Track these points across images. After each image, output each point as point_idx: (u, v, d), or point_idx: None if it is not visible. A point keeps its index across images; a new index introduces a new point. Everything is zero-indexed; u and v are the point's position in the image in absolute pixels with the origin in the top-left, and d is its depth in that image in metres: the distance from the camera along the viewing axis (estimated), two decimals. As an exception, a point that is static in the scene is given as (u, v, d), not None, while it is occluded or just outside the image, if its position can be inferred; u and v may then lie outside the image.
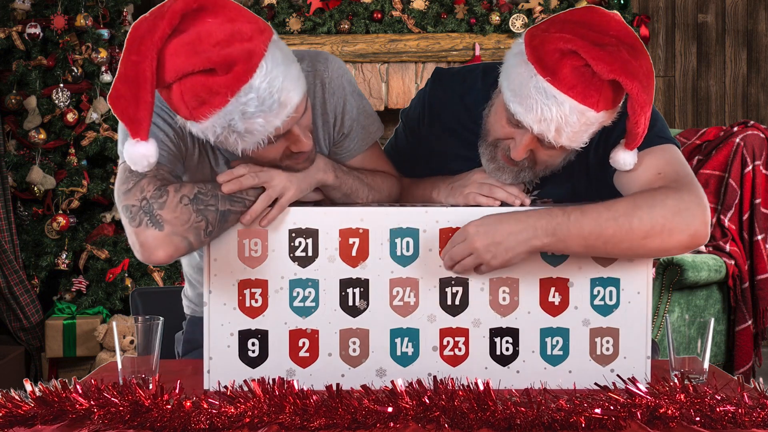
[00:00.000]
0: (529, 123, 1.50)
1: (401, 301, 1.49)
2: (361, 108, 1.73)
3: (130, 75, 1.36)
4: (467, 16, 4.35)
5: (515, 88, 1.51)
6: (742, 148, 3.83)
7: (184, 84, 1.38)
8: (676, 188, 1.49)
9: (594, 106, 1.46)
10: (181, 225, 1.44)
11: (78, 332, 3.83)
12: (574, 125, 1.48)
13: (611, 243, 1.45)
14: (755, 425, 1.27)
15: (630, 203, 1.48)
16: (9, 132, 4.08)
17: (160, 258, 1.45)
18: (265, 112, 1.39)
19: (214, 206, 1.46)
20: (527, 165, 1.61)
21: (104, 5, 4.17)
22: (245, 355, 1.49)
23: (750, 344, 3.67)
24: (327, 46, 4.36)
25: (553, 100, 1.46)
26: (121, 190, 1.48)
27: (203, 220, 1.46)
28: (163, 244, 1.44)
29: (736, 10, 4.81)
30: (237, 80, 1.36)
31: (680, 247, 1.48)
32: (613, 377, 1.47)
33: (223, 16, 1.38)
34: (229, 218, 1.48)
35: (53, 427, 1.27)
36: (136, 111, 1.37)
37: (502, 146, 1.61)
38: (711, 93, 4.84)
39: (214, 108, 1.38)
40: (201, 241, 1.47)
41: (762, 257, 3.72)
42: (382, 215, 1.49)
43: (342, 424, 1.27)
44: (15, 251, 3.92)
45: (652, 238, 1.45)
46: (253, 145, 1.45)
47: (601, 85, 1.45)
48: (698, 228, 1.47)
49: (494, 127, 1.62)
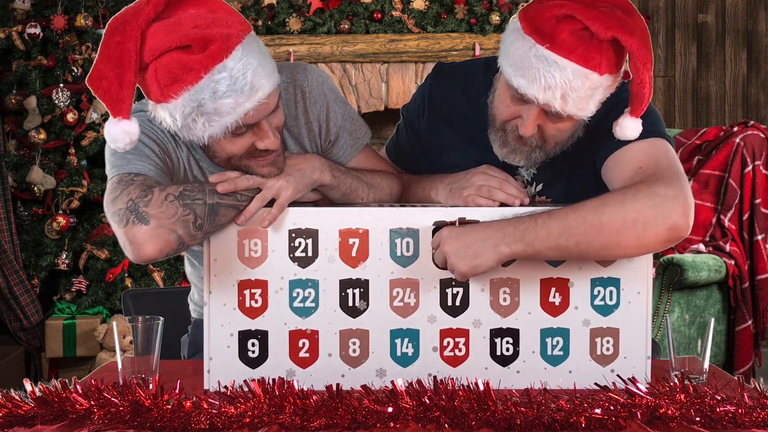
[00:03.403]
0: (533, 94, 1.49)
1: (401, 302, 1.49)
2: (346, 114, 1.73)
3: (113, 56, 1.38)
4: (467, 16, 4.35)
5: (516, 63, 1.51)
6: (742, 148, 3.83)
7: (160, 62, 1.40)
8: (652, 181, 1.46)
9: (596, 68, 1.46)
10: (168, 219, 1.43)
11: (78, 332, 3.83)
12: (579, 90, 1.47)
13: (583, 242, 1.42)
14: (755, 425, 1.27)
15: (598, 201, 1.45)
16: (9, 132, 4.08)
17: (150, 253, 1.43)
18: (237, 93, 1.41)
19: (202, 200, 1.46)
20: (537, 143, 1.60)
21: (104, 5, 4.17)
22: (245, 356, 1.49)
23: (750, 344, 3.67)
24: (327, 46, 4.36)
25: (555, 66, 1.46)
26: (109, 199, 1.48)
27: (191, 213, 1.45)
28: (151, 239, 1.42)
29: (736, 10, 4.81)
30: (212, 58, 1.39)
31: (658, 241, 1.43)
32: (613, 377, 1.47)
33: (205, 7, 1.42)
34: (219, 212, 1.47)
35: (53, 427, 1.27)
36: (119, 90, 1.39)
37: (510, 128, 1.61)
38: (711, 93, 4.84)
39: (187, 85, 1.40)
40: (191, 234, 1.45)
41: (762, 257, 3.72)
42: (382, 216, 1.49)
43: (342, 424, 1.27)
44: (15, 251, 3.92)
45: (625, 233, 1.42)
46: (220, 130, 1.45)
47: (600, 46, 1.45)
48: (676, 221, 1.42)
49: (499, 109, 1.61)
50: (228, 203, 1.47)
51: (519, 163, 1.65)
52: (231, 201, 1.48)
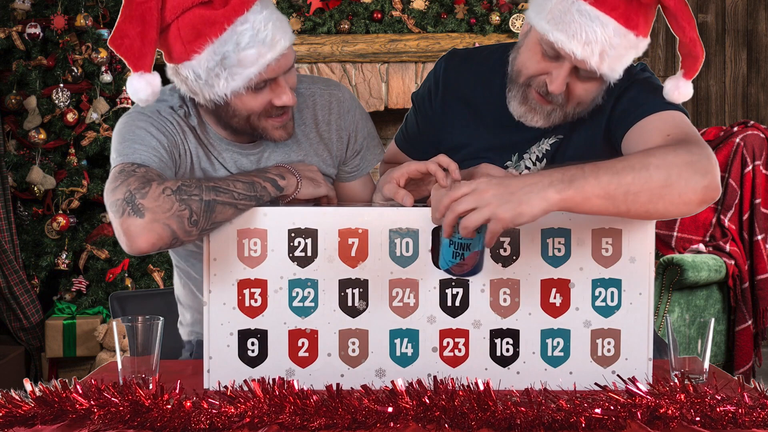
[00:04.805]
0: (572, 49, 1.51)
1: (401, 302, 1.48)
2: (371, 132, 1.86)
3: (135, 14, 1.44)
4: (467, 16, 4.35)
5: (555, 17, 1.52)
6: (742, 148, 3.83)
7: (182, 19, 1.45)
8: (684, 144, 1.46)
9: (635, 28, 1.50)
10: (163, 213, 1.44)
11: (78, 332, 3.83)
12: (617, 48, 1.50)
13: (631, 193, 1.37)
14: (755, 425, 1.27)
15: (643, 153, 1.42)
16: (9, 132, 4.09)
17: (142, 245, 1.45)
18: (259, 43, 1.47)
19: (198, 196, 1.46)
20: (560, 102, 1.61)
21: (104, 5, 4.17)
22: (245, 355, 1.49)
23: (750, 344, 3.67)
24: (327, 46, 4.36)
25: (597, 22, 1.48)
26: (109, 188, 1.50)
27: (186, 209, 1.46)
28: (145, 231, 1.44)
29: (736, 10, 4.81)
30: (234, 11, 1.46)
31: (696, 200, 1.40)
32: (614, 378, 1.47)
33: None
34: (216, 209, 1.47)
35: (53, 427, 1.27)
36: (141, 47, 1.44)
37: (535, 84, 1.62)
38: (711, 93, 4.84)
39: (210, 38, 1.45)
40: (186, 230, 1.46)
41: (762, 257, 3.72)
42: (382, 215, 1.49)
43: (342, 424, 1.27)
44: (15, 251, 3.92)
45: (669, 187, 1.38)
46: (243, 82, 1.50)
47: (639, 6, 1.49)
48: (711, 181, 1.41)
49: (527, 65, 1.62)
50: (225, 201, 1.47)
51: (536, 123, 1.65)
52: (227, 198, 1.48)
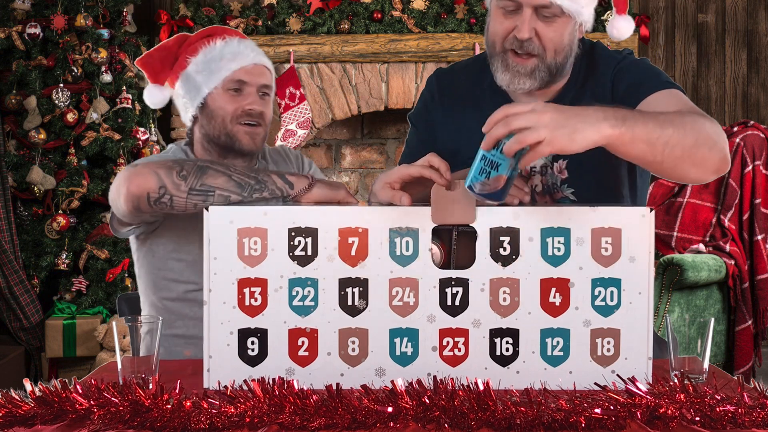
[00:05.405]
0: None
1: (401, 301, 1.48)
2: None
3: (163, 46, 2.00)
4: (467, 16, 4.35)
5: None
6: (742, 148, 3.83)
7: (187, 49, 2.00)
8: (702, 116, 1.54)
9: None
10: (154, 165, 1.66)
11: (78, 332, 3.83)
12: None
13: (669, 145, 1.43)
14: (755, 425, 1.26)
15: (677, 113, 1.51)
16: (9, 132, 4.08)
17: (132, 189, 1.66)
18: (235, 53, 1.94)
19: (192, 162, 1.67)
20: (537, 51, 1.67)
21: (104, 5, 4.17)
22: (245, 354, 1.49)
23: (750, 344, 3.67)
24: (327, 46, 4.36)
25: None
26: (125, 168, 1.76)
27: (177, 165, 1.65)
28: (133, 175, 1.67)
29: (736, 10, 4.80)
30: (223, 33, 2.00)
31: (713, 167, 1.51)
32: (613, 378, 1.47)
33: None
34: (207, 172, 1.62)
35: (53, 427, 1.27)
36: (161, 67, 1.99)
37: (509, 44, 1.69)
38: (711, 93, 4.84)
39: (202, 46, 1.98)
40: (174, 181, 1.63)
41: (762, 257, 3.72)
42: (382, 215, 1.49)
43: (342, 423, 1.27)
44: (15, 251, 3.92)
45: (697, 148, 1.46)
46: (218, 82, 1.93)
47: None
48: (726, 154, 1.52)
49: (495, 30, 1.70)
50: (217, 168, 1.62)
51: (524, 86, 1.70)
52: (222, 168, 1.62)
